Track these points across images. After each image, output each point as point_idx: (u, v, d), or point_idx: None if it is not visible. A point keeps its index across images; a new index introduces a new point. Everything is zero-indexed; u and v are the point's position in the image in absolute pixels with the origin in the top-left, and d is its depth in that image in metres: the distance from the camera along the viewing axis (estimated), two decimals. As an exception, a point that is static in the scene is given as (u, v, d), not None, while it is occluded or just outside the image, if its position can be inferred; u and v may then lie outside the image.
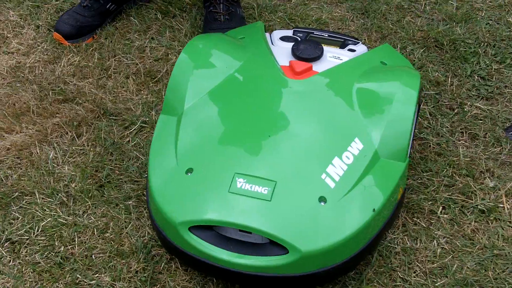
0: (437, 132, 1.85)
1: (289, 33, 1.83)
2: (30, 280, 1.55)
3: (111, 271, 1.56)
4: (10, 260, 1.59)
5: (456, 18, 2.24)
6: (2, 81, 2.11)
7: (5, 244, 1.63)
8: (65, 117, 1.95)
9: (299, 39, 1.78)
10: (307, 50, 1.68)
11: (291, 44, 1.74)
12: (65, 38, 2.21)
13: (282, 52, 1.72)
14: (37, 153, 1.85)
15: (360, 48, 1.78)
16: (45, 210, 1.70)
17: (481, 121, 1.88)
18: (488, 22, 2.23)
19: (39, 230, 1.65)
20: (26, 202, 1.72)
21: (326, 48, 1.74)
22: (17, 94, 2.04)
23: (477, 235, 1.60)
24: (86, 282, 1.54)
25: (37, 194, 1.74)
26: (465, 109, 1.91)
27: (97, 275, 1.56)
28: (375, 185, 1.45)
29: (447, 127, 1.86)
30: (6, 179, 1.79)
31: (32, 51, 2.21)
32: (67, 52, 2.19)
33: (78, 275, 1.55)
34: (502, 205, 1.66)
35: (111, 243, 1.62)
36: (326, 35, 1.82)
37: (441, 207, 1.66)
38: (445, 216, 1.64)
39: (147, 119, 1.92)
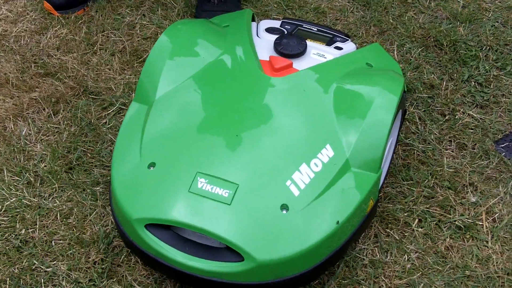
0: (424, 138, 1.78)
1: (277, 24, 1.75)
2: (-15, 262, 1.52)
3: (69, 260, 1.52)
4: (-33, 240, 1.56)
5: (461, 18, 2.15)
6: (-14, 49, 2.06)
7: (-36, 223, 1.60)
8: (44, 92, 1.90)
9: (285, 32, 1.71)
10: (289, 45, 1.60)
11: (276, 37, 1.66)
12: (55, 8, 2.15)
13: (265, 45, 1.64)
14: (11, 128, 1.81)
15: (348, 46, 1.70)
16: (11, 189, 1.66)
17: (471, 131, 1.80)
18: (494, 24, 2.14)
19: (2, 210, 1.62)
20: (-7, 179, 1.69)
21: (311, 44, 1.66)
22: (-1, 64, 2.00)
23: (450, 253, 1.54)
24: (42, 268, 1.50)
25: (5, 172, 1.69)
26: (457, 116, 1.83)
27: (54, 262, 1.51)
28: (342, 196, 1.38)
29: (435, 134, 1.79)
30: (-25, 153, 1.75)
31: (20, 20, 2.15)
32: (55, 23, 2.13)
33: (35, 261, 1.51)
34: (481, 223, 1.59)
35: (73, 229, 1.57)
36: (315, 29, 1.75)
37: (417, 220, 1.60)
38: (420, 229, 1.58)
39: (127, 101, 1.87)
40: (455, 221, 1.59)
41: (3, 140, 1.77)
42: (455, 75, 1.95)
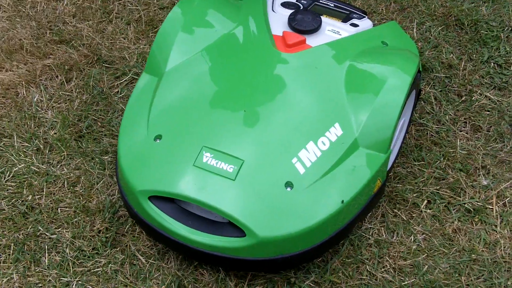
0: (438, 119, 1.75)
1: (294, -2, 1.73)
2: (-9, 226, 1.53)
3: (73, 227, 1.52)
4: (-26, 204, 1.57)
5: (484, -3, 2.10)
6: (3, 14, 2.06)
7: (-27, 187, 1.61)
8: (57, 59, 1.89)
9: (301, 7, 1.68)
10: (303, 21, 1.58)
11: (290, 12, 1.64)
12: (73, -25, 2.14)
13: (279, 20, 1.62)
14: (23, 94, 1.81)
15: (365, 24, 1.67)
16: (20, 155, 1.66)
17: (488, 113, 1.77)
18: (518, 5, 2.09)
19: (11, 176, 1.62)
20: (3, 144, 1.69)
21: (326, 20, 1.63)
22: (15, 30, 1.99)
23: (457, 235, 1.52)
24: (47, 235, 1.51)
25: (15, 137, 1.70)
26: (473, 98, 1.80)
27: (59, 229, 1.52)
28: (348, 175, 1.37)
29: (450, 115, 1.76)
30: (-13, 118, 1.76)
31: (38, -15, 2.15)
32: (73, -10, 2.13)
33: (40, 227, 1.52)
34: (491, 207, 1.57)
35: (80, 198, 1.58)
36: (332, 5, 1.72)
37: (426, 201, 1.58)
38: (428, 211, 1.56)
39: (140, 71, 1.86)
40: (464, 203, 1.57)
41: (14, 106, 1.77)
42: (474, 55, 1.91)
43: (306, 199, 1.33)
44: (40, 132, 1.71)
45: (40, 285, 1.43)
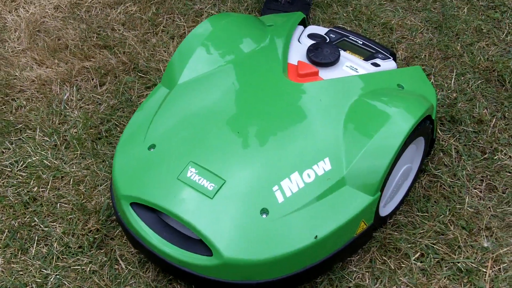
0: (454, 173, 1.70)
1: (323, 31, 1.73)
2: (-8, 211, 1.60)
3: (67, 224, 1.57)
4: (-19, 187, 1.65)
5: (535, 56, 2.03)
6: (59, 14, 2.16)
7: (-15, 171, 1.69)
8: (97, 63, 1.96)
9: (327, 40, 1.68)
10: (321, 54, 1.58)
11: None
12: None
13: (300, 50, 1.63)
14: (56, 91, 1.89)
15: (387, 65, 1.64)
16: (38, 148, 1.73)
17: (508, 174, 1.70)
18: None
19: (23, 166, 1.69)
20: (26, 135, 1.77)
21: (347, 56, 1.63)
22: (65, 30, 2.08)
23: (443, 293, 1.47)
24: (40, 227, 1.56)
25: (37, 131, 1.77)
26: (496, 157, 1.73)
27: (53, 223, 1.57)
28: (327, 212, 1.35)
29: (467, 170, 1.70)
30: (18, 109, 1.84)
31: (97, -8, 2.24)
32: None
33: (36, 219, 1.58)
34: (485, 270, 1.50)
35: (81, 196, 1.63)
36: (360, 43, 1.71)
37: (418, 253, 1.53)
38: (418, 263, 1.51)
39: (169, 84, 1.90)
40: (458, 262, 1.51)
41: (46, 101, 1.85)
42: (508, 114, 1.85)
43: (279, 228, 1.32)
44: (62, 129, 1.78)
45: (21, 273, 1.48)
